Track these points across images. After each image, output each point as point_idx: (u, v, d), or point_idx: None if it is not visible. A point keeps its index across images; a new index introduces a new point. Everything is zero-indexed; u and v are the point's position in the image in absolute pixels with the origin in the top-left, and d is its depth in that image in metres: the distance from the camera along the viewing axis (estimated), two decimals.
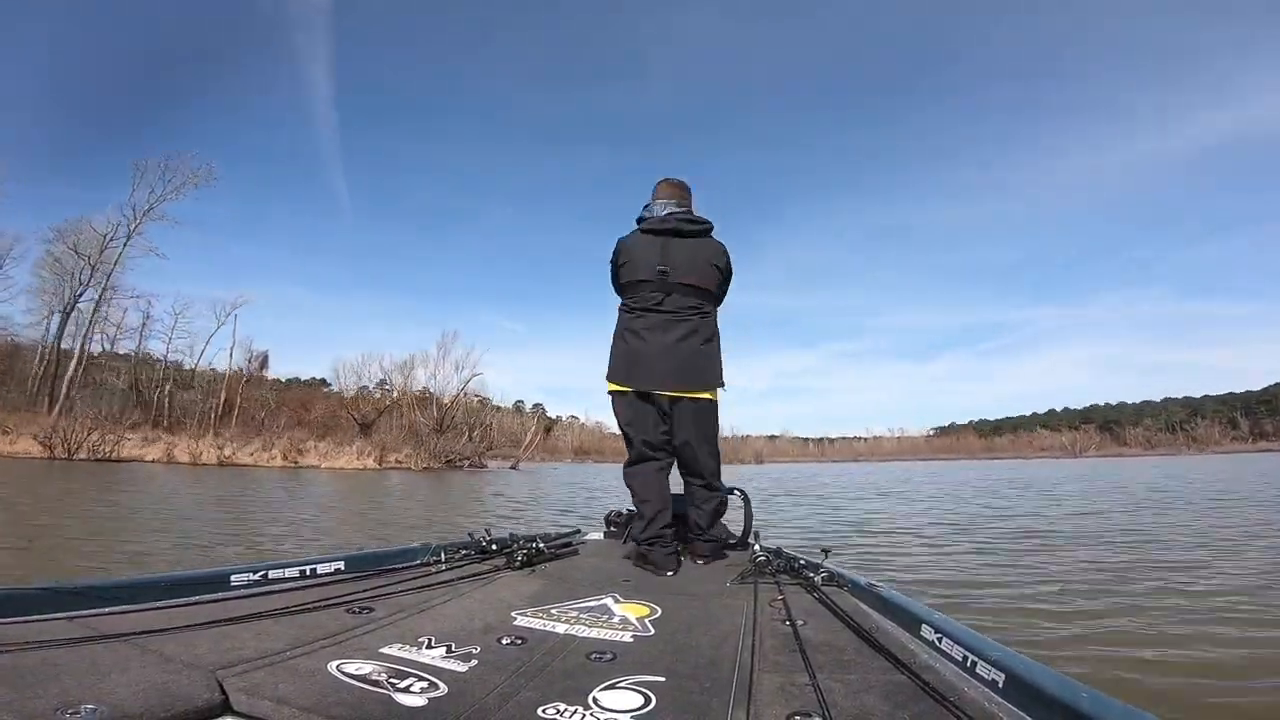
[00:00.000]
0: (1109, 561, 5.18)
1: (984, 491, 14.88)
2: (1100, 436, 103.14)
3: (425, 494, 15.42)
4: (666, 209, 2.61)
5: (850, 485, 19.53)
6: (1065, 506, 10.38)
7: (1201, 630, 3.18)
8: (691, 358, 2.49)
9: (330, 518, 9.25)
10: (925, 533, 7.35)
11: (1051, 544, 6.24)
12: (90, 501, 9.83)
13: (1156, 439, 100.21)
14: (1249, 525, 7.32)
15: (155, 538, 6.40)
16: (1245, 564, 4.94)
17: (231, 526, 7.60)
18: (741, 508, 2.88)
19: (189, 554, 5.57)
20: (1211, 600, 3.75)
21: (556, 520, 9.01)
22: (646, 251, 2.54)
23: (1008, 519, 8.67)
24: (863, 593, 1.79)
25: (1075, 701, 0.88)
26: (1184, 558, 5.26)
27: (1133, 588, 4.15)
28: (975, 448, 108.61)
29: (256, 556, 5.62)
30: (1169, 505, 10.10)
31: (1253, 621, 3.33)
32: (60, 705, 0.84)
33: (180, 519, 8.09)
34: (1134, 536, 6.62)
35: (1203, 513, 8.84)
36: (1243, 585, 4.15)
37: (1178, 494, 12.40)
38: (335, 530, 7.80)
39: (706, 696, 1.05)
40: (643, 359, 2.48)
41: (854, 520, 8.96)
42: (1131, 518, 8.42)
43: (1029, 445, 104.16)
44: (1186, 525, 7.48)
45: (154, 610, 1.35)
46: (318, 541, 6.65)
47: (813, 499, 13.36)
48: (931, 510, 10.31)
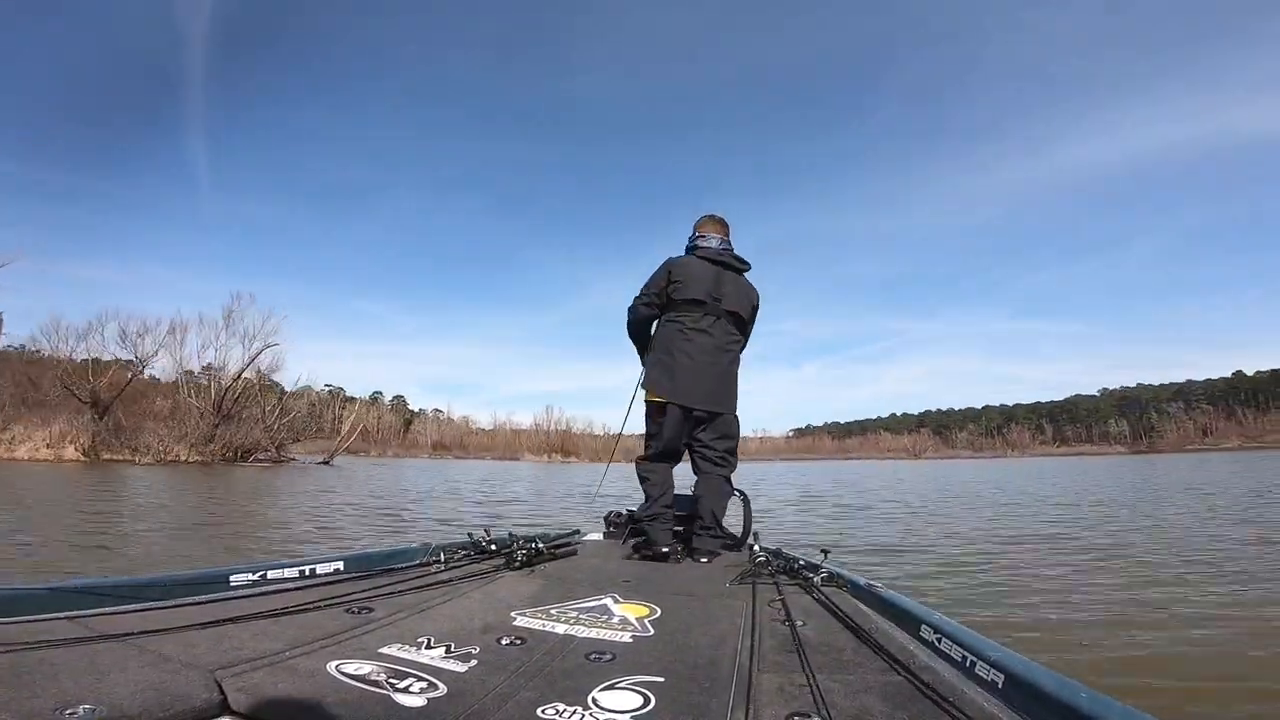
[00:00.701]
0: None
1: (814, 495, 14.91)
2: (934, 440, 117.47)
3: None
4: (721, 243, 2.92)
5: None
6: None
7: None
8: (731, 383, 2.86)
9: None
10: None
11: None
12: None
13: (980, 442, 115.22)
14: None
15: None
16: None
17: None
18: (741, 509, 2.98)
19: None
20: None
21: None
22: (702, 277, 2.80)
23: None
24: (862, 593, 1.80)
25: (1074, 702, 0.88)
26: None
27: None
28: (830, 448, 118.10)
29: None
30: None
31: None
32: (59, 705, 0.83)
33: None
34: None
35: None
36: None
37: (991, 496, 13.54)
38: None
39: (706, 697, 1.05)
40: (693, 379, 2.76)
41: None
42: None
43: (875, 446, 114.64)
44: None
45: (153, 610, 1.34)
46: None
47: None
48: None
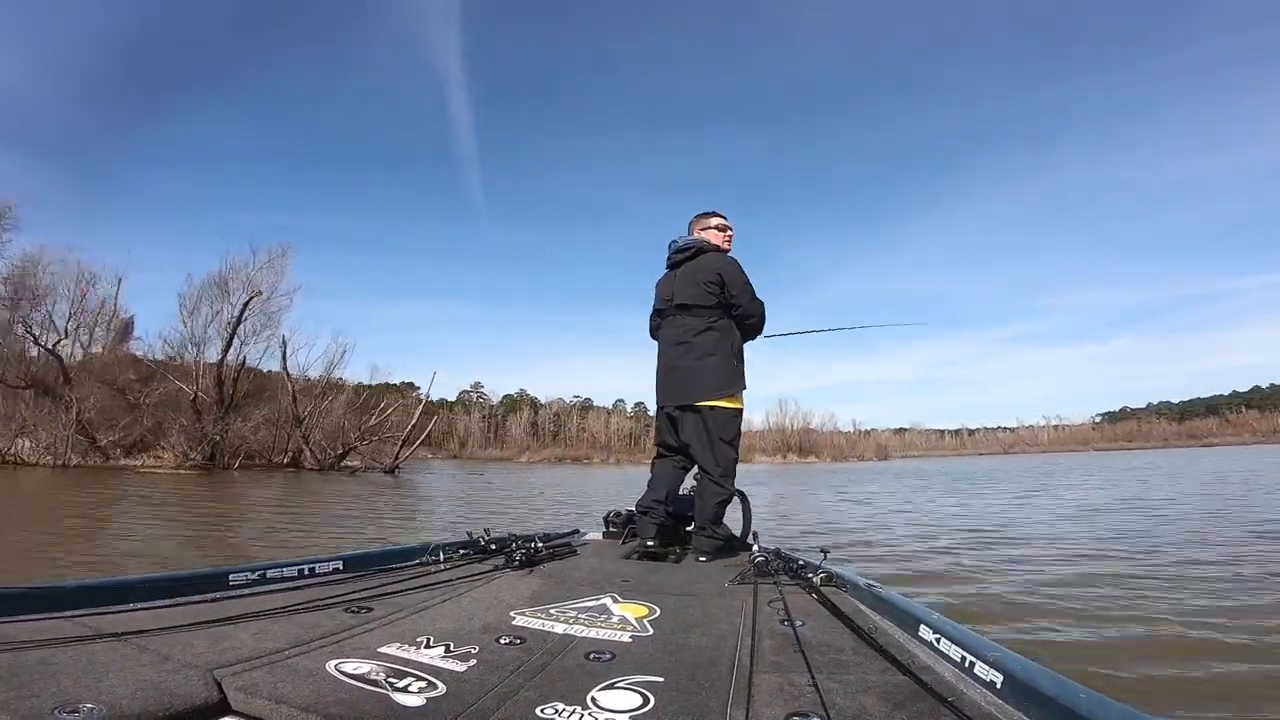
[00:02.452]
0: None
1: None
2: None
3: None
4: (675, 242, 2.98)
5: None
6: None
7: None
8: (687, 374, 2.81)
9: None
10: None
11: None
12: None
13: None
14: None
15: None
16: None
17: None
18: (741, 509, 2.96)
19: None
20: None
21: None
22: (663, 287, 2.98)
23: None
24: (861, 593, 1.78)
25: (1073, 702, 0.88)
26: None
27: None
28: (1166, 433, 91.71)
29: None
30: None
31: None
32: (58, 704, 0.84)
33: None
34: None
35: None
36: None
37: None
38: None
39: (705, 696, 1.05)
40: (660, 380, 2.93)
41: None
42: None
43: (1248, 428, 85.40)
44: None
45: (152, 609, 1.36)
46: None
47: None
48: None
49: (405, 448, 27.78)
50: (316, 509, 10.37)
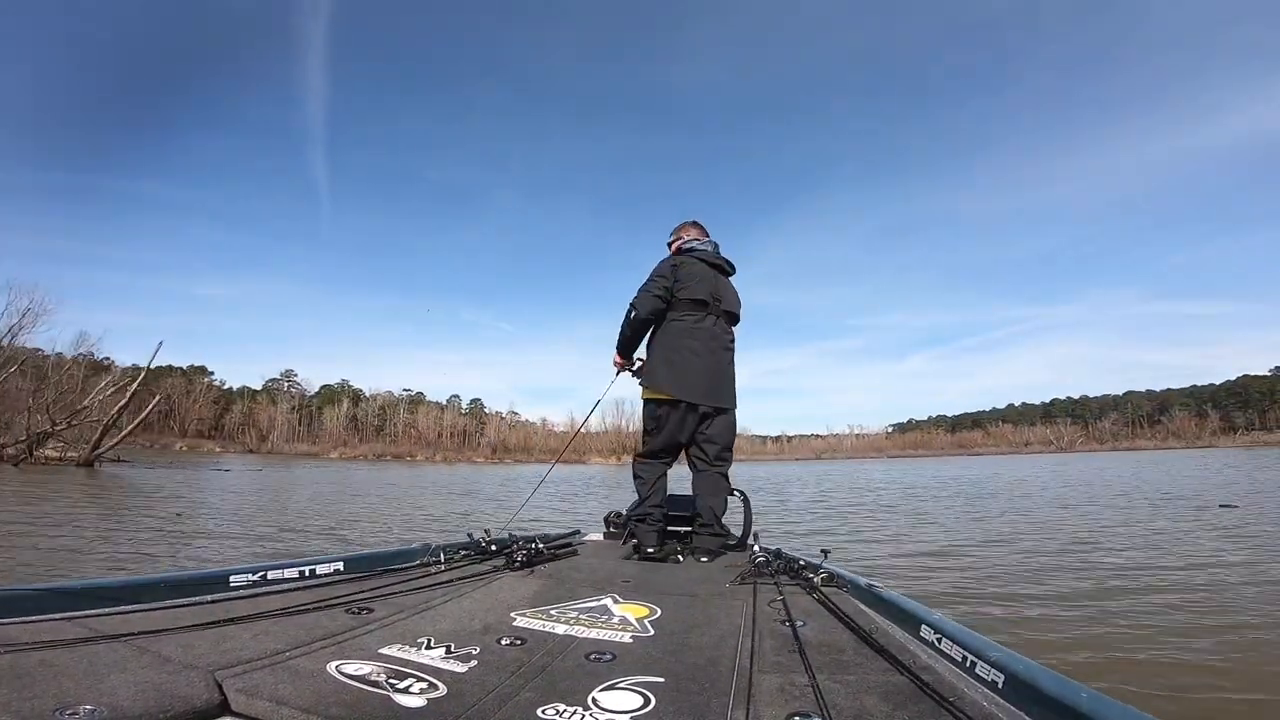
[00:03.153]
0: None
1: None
2: (1077, 430, 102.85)
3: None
4: (714, 247, 3.05)
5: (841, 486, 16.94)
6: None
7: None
8: (731, 380, 2.94)
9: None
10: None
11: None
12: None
13: (1132, 433, 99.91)
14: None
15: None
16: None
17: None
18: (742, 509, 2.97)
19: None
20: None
21: None
22: (704, 278, 2.91)
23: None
24: (862, 593, 1.79)
25: (1074, 702, 0.88)
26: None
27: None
28: (944, 444, 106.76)
29: None
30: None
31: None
32: (59, 706, 0.84)
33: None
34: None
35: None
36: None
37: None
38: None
39: (706, 697, 1.05)
40: (699, 376, 2.82)
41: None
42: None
43: (1005, 439, 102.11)
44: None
45: (153, 610, 1.36)
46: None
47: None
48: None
49: (108, 434, 22.56)
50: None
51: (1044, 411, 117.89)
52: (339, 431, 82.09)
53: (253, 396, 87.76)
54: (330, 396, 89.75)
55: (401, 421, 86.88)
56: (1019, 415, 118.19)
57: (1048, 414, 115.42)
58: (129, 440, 23.98)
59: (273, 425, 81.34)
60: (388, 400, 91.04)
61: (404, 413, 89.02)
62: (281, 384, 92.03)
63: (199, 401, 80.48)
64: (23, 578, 4.63)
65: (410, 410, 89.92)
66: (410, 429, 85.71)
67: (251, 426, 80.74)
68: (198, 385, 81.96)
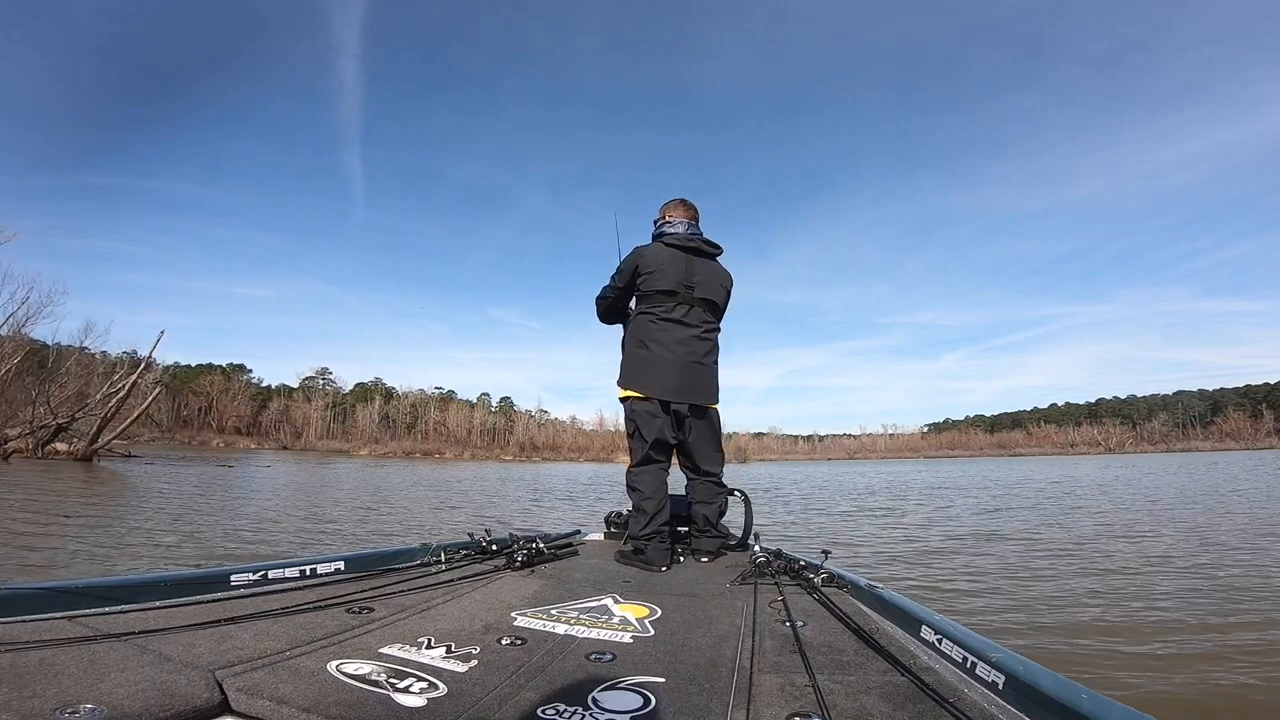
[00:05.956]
0: None
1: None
2: (1127, 432, 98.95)
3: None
4: (689, 228, 2.75)
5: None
6: None
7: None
8: (710, 373, 2.69)
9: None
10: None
11: None
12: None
13: (1172, 434, 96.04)
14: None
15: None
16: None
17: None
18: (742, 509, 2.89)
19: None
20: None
21: None
22: (672, 265, 2.64)
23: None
24: (863, 594, 1.78)
25: (1075, 703, 0.88)
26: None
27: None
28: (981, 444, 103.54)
29: None
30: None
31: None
32: (59, 705, 0.84)
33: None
34: None
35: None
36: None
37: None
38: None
39: (706, 697, 1.05)
40: (669, 371, 2.58)
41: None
42: None
43: (1048, 440, 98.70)
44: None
45: (154, 610, 1.35)
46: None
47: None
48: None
49: (107, 427, 21.86)
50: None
51: (1088, 411, 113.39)
52: (371, 429, 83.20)
53: (289, 394, 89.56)
54: (363, 394, 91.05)
55: (432, 419, 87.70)
56: (1062, 415, 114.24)
57: (1093, 414, 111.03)
58: (165, 436, 23.87)
59: (307, 422, 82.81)
60: (419, 398, 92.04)
61: (435, 410, 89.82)
62: (317, 381, 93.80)
63: (237, 399, 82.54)
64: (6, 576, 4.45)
65: (441, 408, 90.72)
66: (440, 427, 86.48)
67: (287, 423, 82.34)
68: (235, 383, 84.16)
